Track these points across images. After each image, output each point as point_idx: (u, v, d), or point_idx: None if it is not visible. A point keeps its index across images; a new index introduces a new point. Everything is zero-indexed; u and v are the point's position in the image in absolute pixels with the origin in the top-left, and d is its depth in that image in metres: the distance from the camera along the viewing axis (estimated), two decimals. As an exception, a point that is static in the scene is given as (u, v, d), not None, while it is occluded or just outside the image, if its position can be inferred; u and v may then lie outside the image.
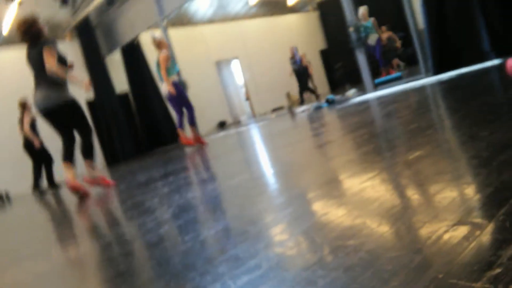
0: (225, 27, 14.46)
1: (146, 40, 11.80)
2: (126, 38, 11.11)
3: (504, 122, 2.03)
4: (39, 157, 7.92)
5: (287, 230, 1.42)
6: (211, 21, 14.17)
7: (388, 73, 9.81)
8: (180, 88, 6.74)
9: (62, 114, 4.41)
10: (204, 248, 1.48)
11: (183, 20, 13.18)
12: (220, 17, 14.36)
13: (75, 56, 11.52)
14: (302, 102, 12.25)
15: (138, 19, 10.51)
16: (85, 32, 11.29)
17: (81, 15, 10.74)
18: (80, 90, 4.78)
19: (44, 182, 8.10)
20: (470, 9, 5.93)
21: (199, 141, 6.99)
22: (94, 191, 4.59)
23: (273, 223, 1.55)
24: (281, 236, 1.38)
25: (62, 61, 4.37)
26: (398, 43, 11.79)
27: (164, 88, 6.69)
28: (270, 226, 1.52)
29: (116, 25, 11.24)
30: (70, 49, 11.57)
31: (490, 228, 1.00)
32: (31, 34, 4.36)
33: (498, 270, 0.81)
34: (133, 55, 11.51)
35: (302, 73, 12.32)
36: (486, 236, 0.97)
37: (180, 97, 6.71)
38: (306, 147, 3.37)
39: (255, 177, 2.67)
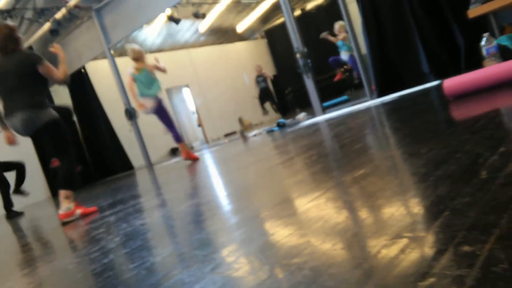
0: (174, 55, 14.46)
1: (93, 69, 11.61)
2: (72, 68, 10.87)
3: (441, 139, 2.13)
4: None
5: (235, 252, 1.41)
6: (160, 49, 14.13)
7: None
8: (162, 107, 6.58)
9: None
10: (149, 275, 1.45)
11: (131, 49, 13.08)
12: (170, 46, 14.36)
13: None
14: (281, 112, 12.54)
15: (84, 48, 10.34)
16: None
17: (24, 44, 10.44)
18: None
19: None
20: (409, 33, 6.25)
21: (190, 157, 6.70)
22: (37, 222, 4.38)
23: (221, 245, 1.54)
24: (228, 258, 1.37)
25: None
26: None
27: (148, 103, 6.45)
28: (218, 249, 1.51)
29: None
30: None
31: (425, 240, 1.03)
32: (12, 40, 3.75)
33: (431, 280, 0.84)
34: (80, 83, 11.26)
35: (268, 89, 12.60)
36: (421, 248, 1.00)
37: (163, 115, 6.57)
38: (257, 169, 3.39)
39: (206, 201, 2.65)
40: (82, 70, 11.14)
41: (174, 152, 13.24)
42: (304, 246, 1.25)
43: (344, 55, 9.73)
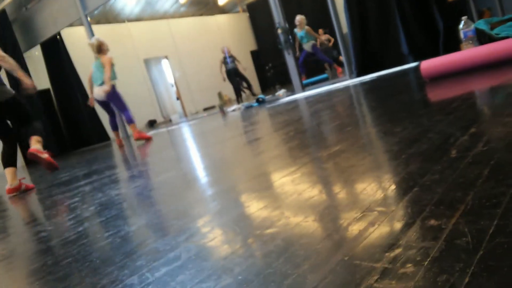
0: (153, 25, 14.18)
1: (69, 36, 11.30)
2: (47, 34, 10.56)
3: (414, 119, 2.18)
4: None
5: (210, 223, 1.43)
6: (138, 18, 13.83)
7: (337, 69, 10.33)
8: (117, 92, 6.90)
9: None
10: (124, 243, 1.46)
11: (108, 17, 12.76)
12: (148, 15, 14.06)
13: (-9, 50, 10.80)
14: (240, 101, 12.32)
15: (60, 14, 10.04)
16: (2, 27, 10.60)
17: (-2, 7, 10.09)
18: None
19: None
20: (390, 15, 6.28)
21: (141, 136, 6.92)
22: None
23: (197, 216, 1.55)
24: (203, 228, 1.39)
25: None
26: (331, 43, 12.50)
27: (97, 91, 6.79)
28: (193, 220, 1.52)
29: (36, 20, 10.66)
30: (-15, 42, 10.83)
31: (394, 214, 1.07)
32: None
33: (397, 251, 0.88)
34: (55, 51, 10.96)
35: (234, 73, 12.34)
36: (390, 221, 1.04)
37: (118, 100, 6.90)
38: (235, 144, 3.40)
39: (183, 173, 2.65)
40: (58, 37, 10.84)
41: (152, 124, 13.13)
42: (278, 218, 1.28)
43: (306, 46, 9.89)
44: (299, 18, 9.79)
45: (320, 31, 12.06)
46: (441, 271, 0.75)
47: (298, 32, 9.96)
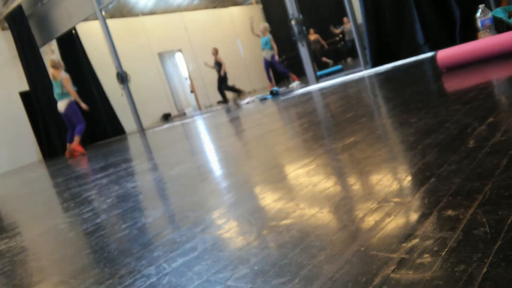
0: (167, 18, 14.20)
1: (84, 31, 11.40)
2: (62, 29, 10.65)
3: (431, 109, 2.15)
4: None
5: (225, 214, 1.44)
6: (152, 12, 13.86)
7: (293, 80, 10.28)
8: (75, 107, 7.79)
9: None
10: (141, 234, 1.48)
11: (122, 11, 12.81)
12: (162, 9, 14.08)
13: (9, 46, 10.94)
14: (224, 101, 12.37)
15: (75, 9, 10.11)
16: (18, 22, 10.72)
17: (13, 4, 10.19)
18: (12, 80, 4.41)
19: None
20: (405, 4, 6.19)
21: (79, 150, 7.75)
22: (30, 184, 4.40)
23: (212, 208, 1.56)
24: (219, 220, 1.40)
25: None
26: (324, 44, 12.61)
27: (61, 105, 7.69)
28: (209, 211, 1.53)
29: (52, 16, 10.76)
30: (3, 39, 10.97)
31: (411, 204, 1.06)
32: None
33: (414, 242, 0.87)
34: (70, 45, 11.07)
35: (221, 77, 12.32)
36: (406, 212, 1.03)
37: (75, 114, 7.76)
38: (249, 136, 3.41)
39: (198, 166, 2.67)
40: (73, 32, 10.93)
41: (166, 117, 13.20)
42: (293, 209, 1.28)
43: (266, 54, 9.90)
44: (262, 27, 9.96)
45: (311, 31, 12.19)
46: (459, 261, 0.74)
47: (264, 37, 10.01)
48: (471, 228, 0.85)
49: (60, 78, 7.56)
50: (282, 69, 10.42)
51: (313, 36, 12.29)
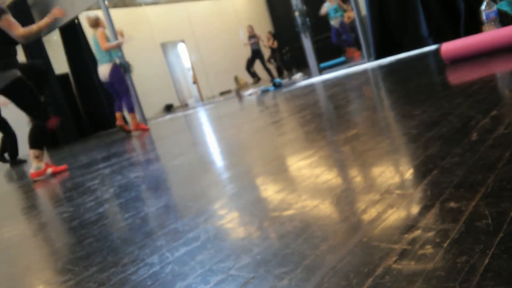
0: (170, 8, 14.14)
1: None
2: (64, 18, 10.62)
3: (434, 102, 2.15)
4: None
5: (227, 205, 1.44)
6: (155, 2, 13.80)
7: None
8: (121, 73, 6.51)
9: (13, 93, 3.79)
10: (144, 224, 1.49)
11: (125, 0, 12.77)
12: (165, -2, 14.03)
13: (11, 34, 10.91)
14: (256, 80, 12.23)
15: (78, -2, 10.08)
16: (21, 11, 10.70)
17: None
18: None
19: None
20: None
21: (139, 128, 6.79)
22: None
23: (214, 198, 1.57)
24: (221, 210, 1.40)
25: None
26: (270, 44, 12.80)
27: (102, 70, 6.39)
28: (211, 202, 1.54)
29: (55, 5, 10.71)
30: (5, 27, 10.94)
31: (413, 196, 1.07)
32: None
33: (416, 233, 0.87)
34: (73, 35, 11.04)
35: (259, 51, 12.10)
36: (409, 204, 1.03)
37: (121, 81, 6.49)
38: (251, 128, 3.41)
39: (200, 156, 2.67)
40: (76, 21, 10.90)
41: (168, 108, 13.19)
42: (295, 201, 1.28)
43: (335, 21, 9.67)
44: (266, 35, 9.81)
45: (268, 35, 12.29)
46: (461, 253, 0.75)
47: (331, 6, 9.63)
48: (473, 220, 0.85)
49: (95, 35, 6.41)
50: (349, 38, 9.98)
51: (263, 40, 12.21)
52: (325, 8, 9.56)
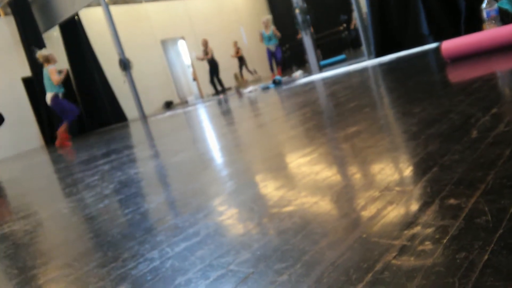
0: (170, 5, 14.12)
1: (87, 17, 11.34)
2: (65, 15, 10.61)
3: (434, 99, 2.15)
4: None
5: (227, 201, 1.45)
6: (155, -1, 13.79)
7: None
8: (58, 101, 7.23)
9: None
10: (144, 219, 1.49)
11: (126, -3, 12.76)
12: (165, -5, 14.01)
13: (11, 32, 10.91)
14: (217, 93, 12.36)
15: (78, -5, 10.07)
16: (21, 8, 10.68)
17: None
18: (15, 65, 4.32)
19: None
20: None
21: (63, 144, 7.50)
22: (32, 169, 4.42)
23: (214, 195, 1.57)
24: (221, 206, 1.41)
25: None
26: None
27: (47, 97, 7.17)
28: (211, 198, 1.54)
29: (55, 1, 10.71)
30: (6, 25, 10.93)
31: (413, 193, 1.07)
32: None
33: (416, 229, 0.88)
34: (73, 31, 11.03)
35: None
36: (408, 200, 1.04)
37: (57, 108, 7.27)
38: (251, 125, 3.41)
39: (200, 153, 2.67)
40: (76, 17, 10.89)
41: (168, 105, 13.19)
42: (294, 197, 1.29)
43: (271, 47, 9.94)
44: (265, 19, 9.98)
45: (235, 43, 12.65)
46: (460, 249, 0.75)
47: (266, 33, 10.00)
48: (473, 217, 0.85)
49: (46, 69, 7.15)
50: (281, 60, 10.44)
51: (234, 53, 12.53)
52: (260, 35, 10.13)
